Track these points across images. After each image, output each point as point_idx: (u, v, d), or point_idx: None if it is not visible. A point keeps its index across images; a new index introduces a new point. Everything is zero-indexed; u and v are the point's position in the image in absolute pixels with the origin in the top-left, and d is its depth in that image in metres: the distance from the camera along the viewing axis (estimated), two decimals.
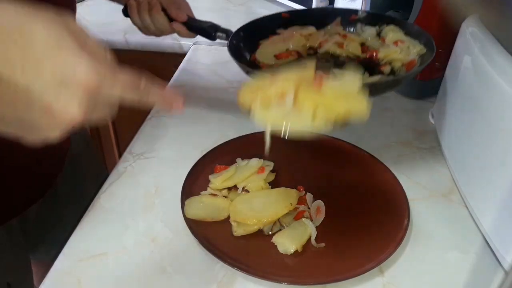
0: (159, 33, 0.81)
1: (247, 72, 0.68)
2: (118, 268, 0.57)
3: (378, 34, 0.81)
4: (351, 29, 0.84)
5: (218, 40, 0.80)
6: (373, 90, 0.65)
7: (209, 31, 0.78)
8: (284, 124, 0.47)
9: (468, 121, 0.66)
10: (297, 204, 0.62)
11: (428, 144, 0.78)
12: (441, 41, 0.80)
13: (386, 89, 0.70)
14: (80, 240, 0.61)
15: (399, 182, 0.67)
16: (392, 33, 0.78)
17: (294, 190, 0.63)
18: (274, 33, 0.83)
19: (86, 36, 0.31)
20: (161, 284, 0.55)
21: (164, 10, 0.78)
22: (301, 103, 0.47)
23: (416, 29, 0.75)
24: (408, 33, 0.76)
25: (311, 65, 0.51)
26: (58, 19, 0.29)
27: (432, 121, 0.82)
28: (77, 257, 0.58)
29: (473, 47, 0.64)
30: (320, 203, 0.63)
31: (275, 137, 0.47)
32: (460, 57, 0.69)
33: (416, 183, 0.70)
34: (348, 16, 0.83)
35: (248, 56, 0.79)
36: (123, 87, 0.32)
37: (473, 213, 0.63)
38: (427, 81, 0.76)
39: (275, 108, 0.48)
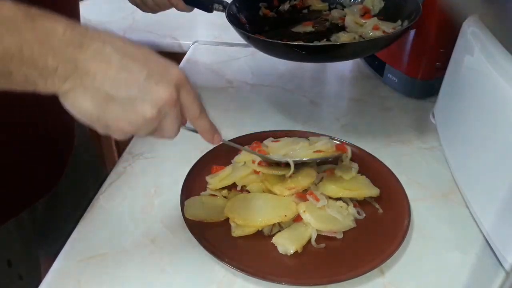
0: (156, 8, 0.80)
1: (248, 38, 0.72)
2: (118, 268, 0.57)
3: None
4: None
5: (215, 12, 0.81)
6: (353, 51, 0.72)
7: (206, 3, 0.79)
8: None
9: (469, 121, 0.66)
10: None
11: (429, 144, 0.78)
12: (441, 41, 0.80)
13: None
14: (80, 240, 0.61)
15: (399, 182, 0.67)
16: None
17: (293, 202, 0.61)
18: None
19: None
20: (161, 284, 0.55)
21: None
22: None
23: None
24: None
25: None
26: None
27: (433, 121, 0.82)
28: (77, 257, 0.58)
29: (474, 47, 0.64)
30: None
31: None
32: (461, 57, 0.69)
33: (416, 183, 0.70)
34: None
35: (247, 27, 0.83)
36: (194, 94, 0.44)
37: (473, 213, 0.63)
38: (428, 81, 0.76)
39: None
